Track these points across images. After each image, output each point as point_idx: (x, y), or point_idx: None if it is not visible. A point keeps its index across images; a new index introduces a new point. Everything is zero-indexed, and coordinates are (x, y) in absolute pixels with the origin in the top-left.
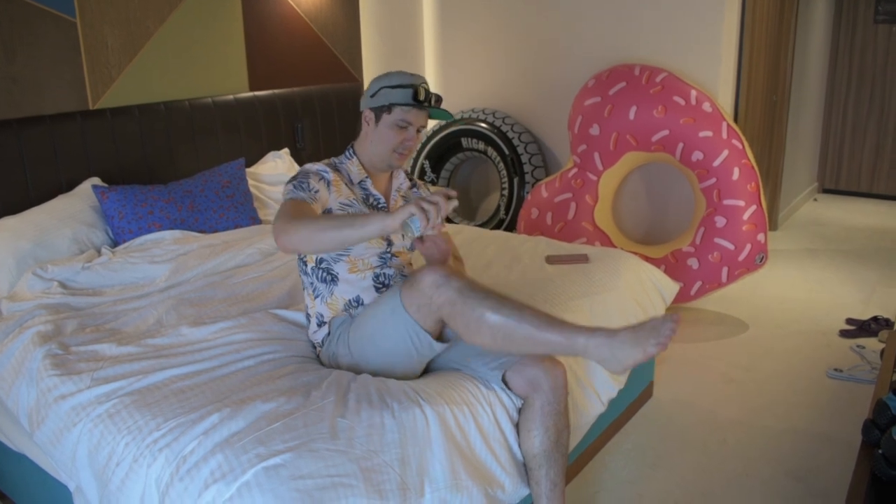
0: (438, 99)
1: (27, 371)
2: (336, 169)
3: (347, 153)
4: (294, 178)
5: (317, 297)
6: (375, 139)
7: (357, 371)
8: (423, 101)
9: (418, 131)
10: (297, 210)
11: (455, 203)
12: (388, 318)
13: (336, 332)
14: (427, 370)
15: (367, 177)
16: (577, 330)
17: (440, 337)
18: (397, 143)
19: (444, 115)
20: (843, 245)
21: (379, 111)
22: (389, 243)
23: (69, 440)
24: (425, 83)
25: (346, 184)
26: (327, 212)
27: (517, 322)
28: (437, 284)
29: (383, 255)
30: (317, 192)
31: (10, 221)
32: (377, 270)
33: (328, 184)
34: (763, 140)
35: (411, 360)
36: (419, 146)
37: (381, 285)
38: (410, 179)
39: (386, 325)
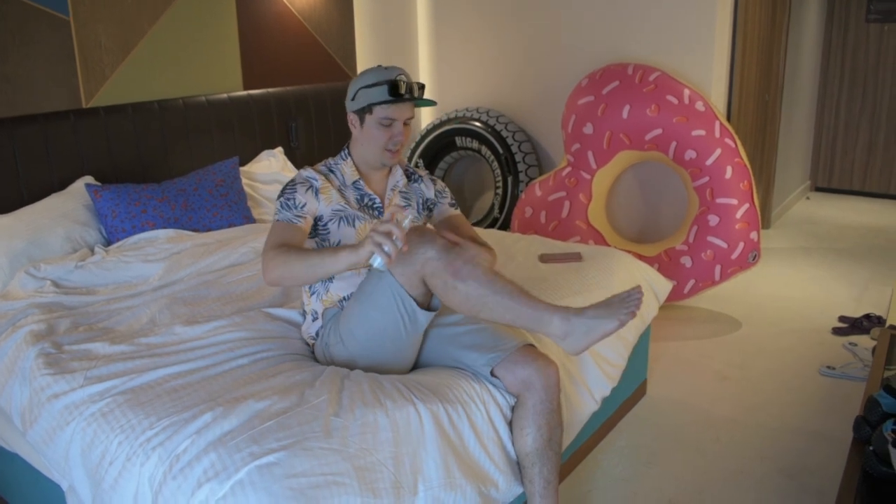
0: (421, 87)
1: (20, 370)
2: (330, 171)
3: (343, 154)
4: (284, 190)
5: (312, 293)
6: (364, 140)
7: (348, 360)
8: (404, 93)
9: (406, 124)
10: (281, 236)
11: (410, 215)
12: (375, 286)
13: (328, 324)
14: (419, 366)
15: (360, 178)
16: (546, 305)
17: (427, 308)
18: (386, 141)
19: (426, 102)
20: (836, 243)
21: (361, 113)
22: None
23: (62, 439)
24: (402, 74)
25: (337, 188)
26: (318, 218)
27: (492, 288)
28: (422, 241)
29: None
30: (304, 206)
31: (3, 220)
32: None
33: (316, 192)
34: (756, 139)
35: (399, 334)
36: (412, 139)
37: None
38: (409, 175)
39: (373, 294)
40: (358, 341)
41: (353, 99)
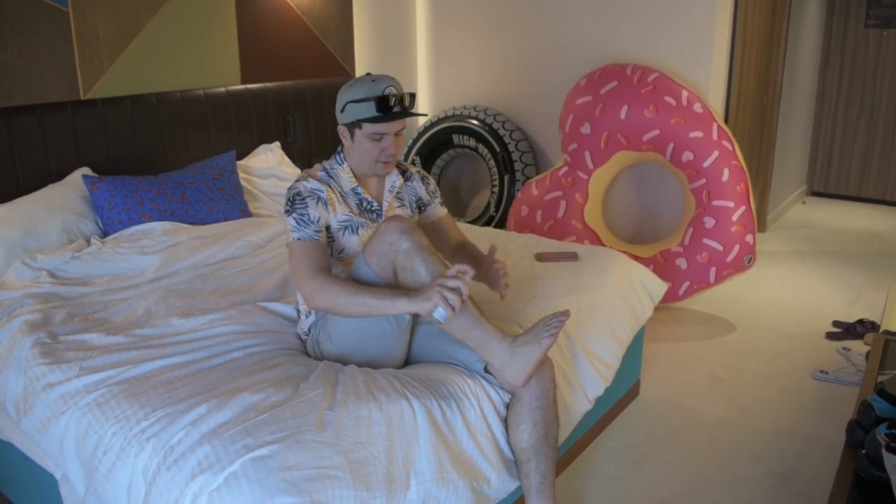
0: (412, 98)
1: (15, 359)
2: (330, 178)
3: (338, 158)
4: (292, 205)
5: None
6: (355, 153)
7: (338, 357)
8: (393, 108)
9: (397, 135)
10: (313, 259)
11: (471, 274)
12: (352, 275)
13: (319, 321)
14: (412, 362)
15: (357, 184)
16: (494, 333)
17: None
18: (377, 154)
19: (417, 115)
20: (831, 248)
21: (350, 127)
22: None
23: (56, 429)
24: (391, 86)
25: (339, 196)
26: (328, 230)
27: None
28: (400, 230)
29: None
30: (318, 220)
31: (0, 210)
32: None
33: (325, 204)
34: (753, 142)
35: (384, 327)
36: (406, 141)
37: None
38: (404, 173)
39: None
40: (346, 338)
41: (341, 111)
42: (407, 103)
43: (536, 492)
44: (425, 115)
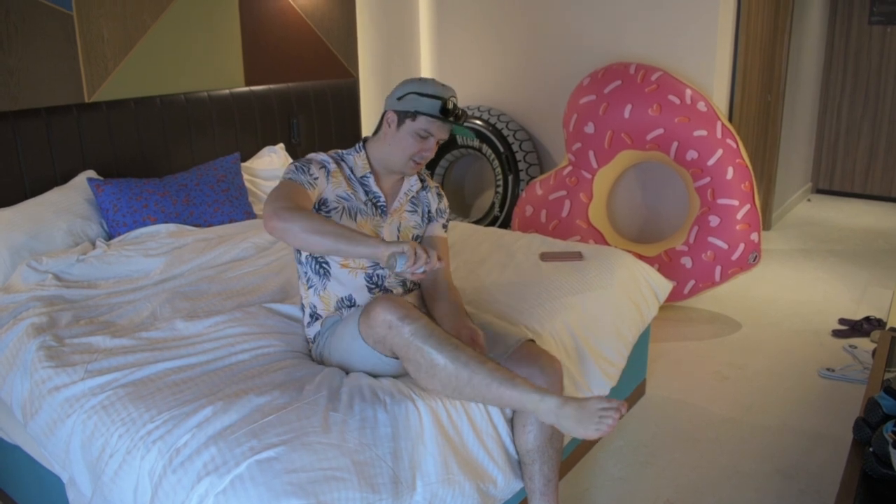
0: (465, 115)
1: (21, 363)
2: (341, 160)
3: (357, 146)
4: (296, 161)
5: (310, 287)
6: (394, 143)
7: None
8: (450, 115)
9: (438, 142)
10: (292, 194)
11: (440, 265)
12: (351, 344)
13: (325, 333)
14: None
15: (369, 173)
16: (530, 389)
17: None
18: (415, 152)
19: (465, 132)
20: (836, 245)
21: (403, 116)
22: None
23: (63, 432)
24: (454, 97)
25: (345, 178)
26: (323, 201)
27: (469, 375)
28: (389, 325)
29: None
30: (316, 178)
31: (5, 213)
32: (369, 271)
33: (328, 174)
34: (757, 140)
35: (389, 369)
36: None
37: (374, 285)
38: (422, 181)
39: (353, 351)
40: (352, 364)
41: (399, 98)
42: (462, 117)
43: (540, 494)
44: (472, 134)
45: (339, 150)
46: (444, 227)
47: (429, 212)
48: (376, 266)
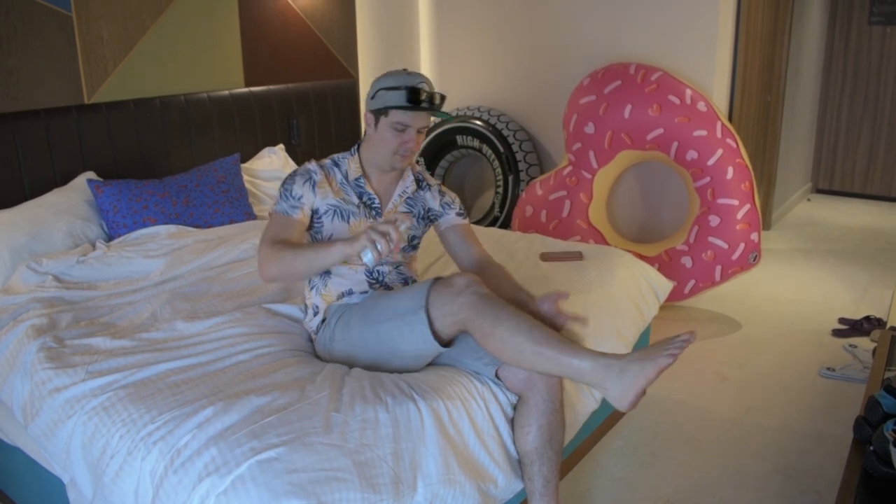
0: (442, 98)
1: (21, 364)
2: (335, 165)
3: (352, 150)
4: (285, 181)
5: (312, 288)
6: (376, 141)
7: (348, 358)
8: (422, 101)
9: (419, 132)
10: (277, 231)
11: (406, 224)
12: (404, 315)
13: (333, 318)
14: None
15: (361, 175)
16: (585, 351)
17: (447, 343)
18: (397, 146)
19: (442, 114)
20: (836, 245)
21: (377, 114)
22: None
23: (63, 433)
24: (424, 82)
25: (337, 183)
26: (314, 210)
27: (529, 335)
28: (468, 283)
29: None
30: (300, 198)
31: (5, 215)
32: (369, 268)
33: (313, 185)
34: (757, 140)
35: (412, 362)
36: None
37: (375, 280)
38: (419, 182)
39: (403, 328)
40: (368, 349)
41: (372, 97)
42: (437, 101)
43: (539, 495)
44: (451, 116)
45: (336, 155)
46: (460, 214)
47: (428, 210)
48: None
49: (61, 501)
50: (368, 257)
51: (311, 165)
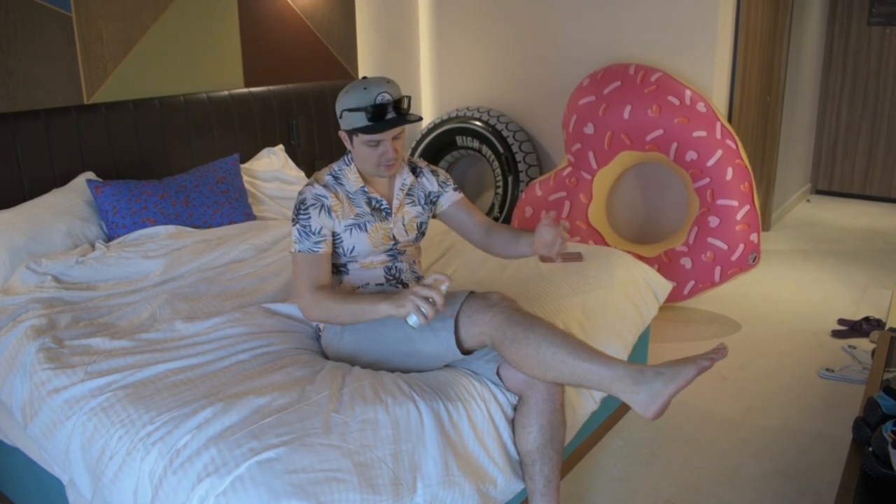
0: (408, 103)
1: (21, 364)
2: (337, 181)
3: (346, 159)
4: (297, 214)
5: None
6: (358, 157)
7: (358, 354)
8: (387, 115)
9: (396, 139)
10: (311, 274)
11: (447, 285)
12: (431, 320)
13: None
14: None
15: (364, 184)
16: (616, 360)
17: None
18: (377, 159)
19: (412, 120)
20: (836, 246)
21: (349, 133)
22: (396, 241)
23: (62, 433)
24: (385, 92)
25: (347, 199)
26: (335, 236)
27: (564, 341)
28: (502, 298)
29: (391, 251)
30: (320, 230)
31: (4, 215)
32: (388, 264)
33: (329, 211)
34: (756, 141)
35: (426, 365)
36: (407, 150)
37: (392, 277)
38: (414, 170)
39: (427, 328)
40: (382, 346)
41: (340, 118)
42: (405, 106)
43: (540, 495)
44: (420, 118)
45: (334, 168)
46: (456, 189)
47: (429, 194)
48: (394, 259)
49: (60, 502)
50: (413, 320)
51: (318, 190)
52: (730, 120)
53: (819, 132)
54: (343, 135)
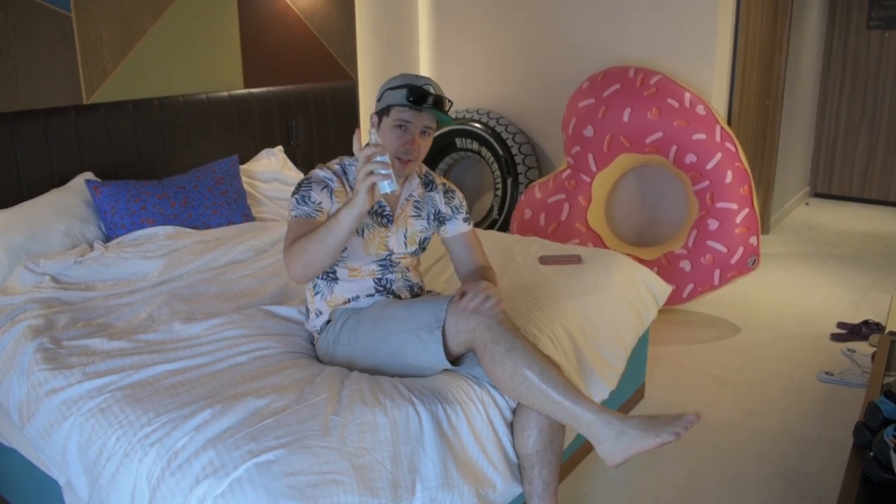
0: (439, 101)
1: (18, 365)
2: (344, 172)
3: (356, 157)
4: (299, 187)
5: (317, 293)
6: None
7: (352, 363)
8: (423, 101)
9: (424, 134)
10: (298, 232)
11: (379, 151)
12: (418, 331)
13: (339, 320)
14: None
15: None
16: (588, 403)
17: (454, 361)
18: (398, 146)
19: (444, 118)
20: (835, 249)
21: (381, 114)
22: (391, 252)
23: (60, 434)
24: (428, 84)
25: (349, 190)
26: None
27: (540, 373)
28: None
29: (383, 262)
30: (319, 203)
31: (3, 215)
32: (378, 275)
33: (331, 193)
34: (756, 144)
35: (416, 371)
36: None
37: (383, 288)
38: (427, 184)
39: (415, 340)
40: (373, 356)
41: (378, 99)
42: (445, 107)
43: (539, 499)
44: (453, 120)
45: (344, 160)
46: (466, 220)
47: (438, 212)
48: (385, 270)
49: (57, 503)
50: (384, 186)
51: (324, 173)
52: (729, 123)
53: (818, 135)
54: (374, 118)
